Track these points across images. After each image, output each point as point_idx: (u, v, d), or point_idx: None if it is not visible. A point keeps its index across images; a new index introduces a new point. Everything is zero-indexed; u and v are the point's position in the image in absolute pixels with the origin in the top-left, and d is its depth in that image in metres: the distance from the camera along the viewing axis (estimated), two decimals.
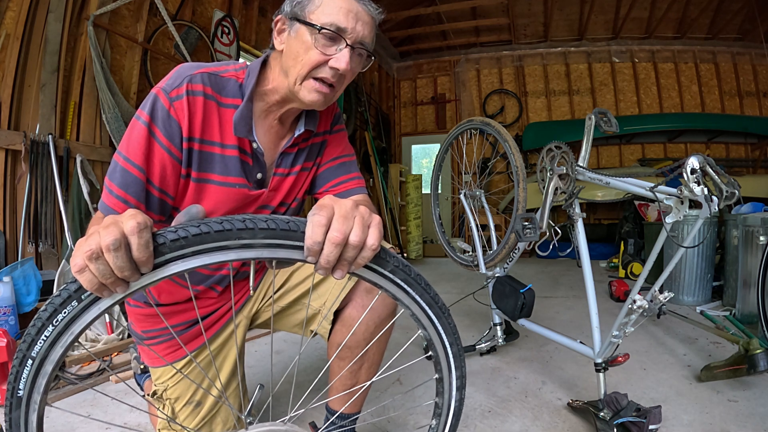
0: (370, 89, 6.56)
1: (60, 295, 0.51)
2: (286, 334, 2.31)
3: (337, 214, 0.56)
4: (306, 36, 0.83)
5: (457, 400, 0.78)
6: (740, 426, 1.32)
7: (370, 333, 1.00)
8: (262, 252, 0.56)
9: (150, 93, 0.84)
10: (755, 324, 2.26)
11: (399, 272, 0.65)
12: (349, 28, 0.83)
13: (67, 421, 1.39)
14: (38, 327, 0.51)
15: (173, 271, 0.53)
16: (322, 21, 0.82)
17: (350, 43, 0.83)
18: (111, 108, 2.50)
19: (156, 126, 0.82)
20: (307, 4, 0.84)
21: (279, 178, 1.00)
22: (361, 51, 0.87)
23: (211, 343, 1.06)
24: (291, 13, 0.86)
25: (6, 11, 2.16)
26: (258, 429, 0.65)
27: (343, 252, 0.56)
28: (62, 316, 0.51)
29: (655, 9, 6.20)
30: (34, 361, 0.52)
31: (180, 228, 0.52)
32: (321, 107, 0.90)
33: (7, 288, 1.88)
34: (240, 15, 3.95)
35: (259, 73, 0.92)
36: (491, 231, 2.06)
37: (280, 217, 0.56)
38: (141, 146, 0.81)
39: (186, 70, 0.86)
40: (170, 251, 0.52)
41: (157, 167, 0.84)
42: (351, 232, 0.56)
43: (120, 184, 0.81)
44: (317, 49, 0.83)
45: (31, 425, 0.54)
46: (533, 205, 4.10)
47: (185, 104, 0.83)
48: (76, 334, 0.52)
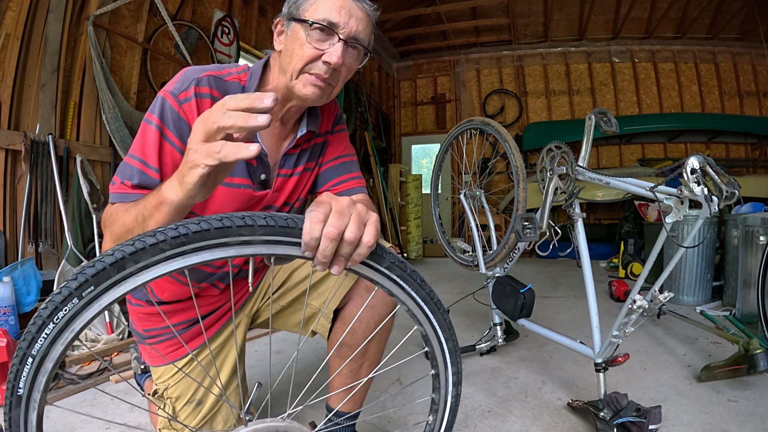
0: (370, 89, 6.56)
1: (60, 293, 0.51)
2: (286, 334, 2.31)
3: (333, 210, 0.57)
4: (300, 33, 0.85)
5: (453, 396, 0.79)
6: (740, 426, 1.32)
7: (370, 331, 1.01)
8: (261, 248, 0.57)
9: (157, 96, 0.86)
10: (755, 324, 2.26)
11: (395, 268, 0.67)
12: (342, 23, 0.84)
13: (67, 420, 1.39)
14: (39, 325, 0.51)
15: (174, 267, 0.53)
16: (315, 17, 0.84)
17: (343, 37, 0.85)
18: (111, 108, 2.50)
19: (167, 128, 0.84)
20: (302, 2, 0.86)
21: (282, 179, 1.01)
22: (356, 45, 0.88)
23: (212, 341, 1.07)
24: (288, 14, 0.88)
25: (6, 11, 2.16)
26: (257, 425, 0.65)
27: (339, 248, 0.57)
28: (63, 314, 0.51)
29: (655, 9, 6.20)
30: (34, 359, 0.51)
31: (180, 225, 0.53)
32: (318, 102, 0.91)
33: (7, 288, 1.88)
34: (240, 15, 3.95)
35: (261, 75, 0.94)
36: (491, 231, 2.06)
37: (278, 214, 0.58)
38: (155, 149, 0.83)
39: (192, 74, 0.87)
40: (170, 248, 0.53)
41: (170, 168, 0.85)
42: (347, 228, 0.57)
43: (139, 183, 0.81)
44: (310, 44, 0.84)
45: (30, 424, 0.54)
46: (533, 205, 4.10)
47: (194, 106, 0.85)
48: (77, 331, 0.52)
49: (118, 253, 0.51)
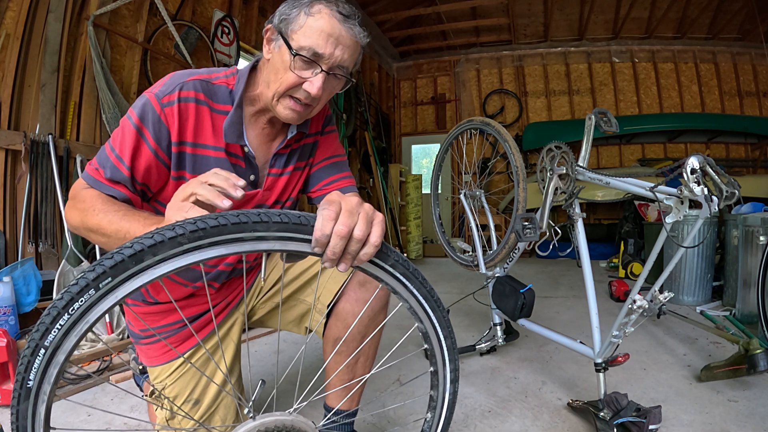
0: (370, 89, 6.56)
1: (77, 284, 0.50)
2: (286, 334, 2.31)
3: (343, 209, 0.59)
4: (286, 55, 0.86)
5: (451, 393, 0.81)
6: (740, 426, 1.32)
7: (364, 326, 1.01)
8: (274, 244, 0.58)
9: (142, 95, 0.88)
10: (755, 324, 2.26)
11: (399, 266, 0.69)
12: (327, 54, 0.85)
13: (67, 420, 1.39)
14: (53, 315, 0.50)
15: (191, 260, 0.54)
16: (301, 43, 0.84)
17: (325, 69, 0.86)
18: (111, 108, 2.50)
19: (146, 128, 0.87)
20: (292, 22, 0.86)
21: (273, 178, 1.04)
22: (339, 74, 0.90)
23: (207, 340, 1.07)
24: (278, 27, 0.89)
25: (6, 11, 2.16)
26: (265, 419, 0.66)
27: (348, 245, 0.60)
28: (79, 305, 0.51)
29: (655, 9, 6.20)
30: (47, 350, 0.51)
31: (198, 220, 0.54)
32: (296, 122, 0.95)
33: (7, 288, 1.88)
34: (240, 15, 3.95)
35: (249, 77, 0.95)
36: (491, 231, 2.06)
37: (291, 212, 0.59)
38: (131, 147, 0.86)
39: (178, 78, 0.90)
40: (188, 241, 0.53)
41: (142, 166, 0.88)
42: (356, 226, 0.59)
43: (110, 177, 0.87)
44: (293, 72, 0.86)
45: (39, 417, 0.53)
46: (533, 205, 4.10)
47: (176, 111, 0.87)
48: (92, 323, 0.52)
49: (137, 246, 0.51)
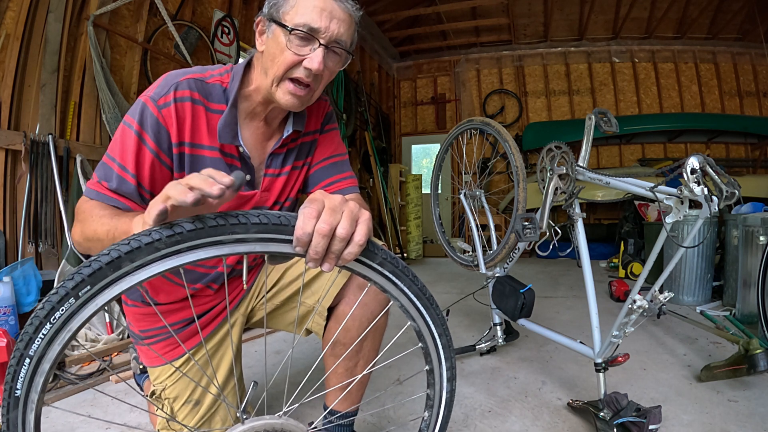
0: (370, 89, 6.56)
1: (57, 293, 0.50)
2: (285, 334, 2.31)
3: (326, 207, 0.58)
4: (281, 37, 0.85)
5: (448, 392, 0.80)
6: (740, 426, 1.32)
7: (363, 329, 1.01)
8: (254, 246, 0.57)
9: (138, 100, 0.87)
10: (755, 324, 2.26)
11: (387, 264, 0.67)
12: (323, 28, 0.84)
13: (67, 421, 1.39)
14: (36, 325, 0.51)
15: (169, 265, 0.54)
16: (295, 21, 0.83)
17: (324, 42, 0.85)
18: (111, 108, 2.50)
19: (146, 133, 0.86)
20: (282, 4, 0.85)
21: (270, 179, 1.02)
22: (338, 49, 0.88)
23: (208, 340, 1.07)
24: (268, 15, 0.88)
25: (6, 11, 2.16)
26: (254, 423, 0.66)
27: (331, 244, 0.58)
28: (60, 314, 0.51)
29: (655, 9, 6.20)
30: (31, 359, 0.51)
31: (175, 224, 0.53)
32: (298, 109, 0.92)
33: (7, 288, 1.88)
34: (240, 15, 3.95)
35: (243, 75, 0.94)
36: (491, 231, 2.06)
37: (271, 212, 0.58)
38: (133, 153, 0.85)
39: (172, 78, 0.89)
40: (166, 246, 0.53)
41: (147, 172, 0.87)
42: (338, 224, 0.58)
43: (116, 188, 0.84)
44: (291, 50, 0.84)
45: (28, 425, 0.53)
46: (533, 205, 4.10)
47: (173, 111, 0.86)
48: (74, 331, 0.52)
49: (114, 252, 0.51)
